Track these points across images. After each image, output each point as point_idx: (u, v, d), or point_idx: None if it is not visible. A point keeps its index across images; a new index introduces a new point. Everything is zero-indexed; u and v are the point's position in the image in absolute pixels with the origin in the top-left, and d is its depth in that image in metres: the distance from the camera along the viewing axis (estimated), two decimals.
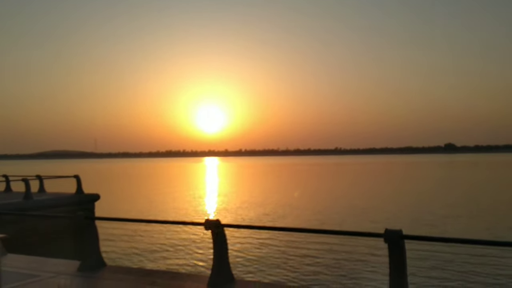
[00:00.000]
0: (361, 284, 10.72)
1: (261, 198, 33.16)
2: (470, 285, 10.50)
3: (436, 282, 10.68)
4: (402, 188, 42.47)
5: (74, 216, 7.98)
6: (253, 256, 13.70)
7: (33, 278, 7.29)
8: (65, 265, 8.19)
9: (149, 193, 39.84)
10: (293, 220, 21.89)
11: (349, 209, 25.41)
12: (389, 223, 19.92)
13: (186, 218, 23.07)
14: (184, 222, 10.83)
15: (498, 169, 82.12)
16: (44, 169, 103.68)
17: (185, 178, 68.67)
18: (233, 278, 6.88)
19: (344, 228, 19.14)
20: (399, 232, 5.41)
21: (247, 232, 16.24)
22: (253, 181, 58.52)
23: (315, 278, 11.36)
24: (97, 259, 7.97)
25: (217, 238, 6.76)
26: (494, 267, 11.70)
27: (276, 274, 11.75)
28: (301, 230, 7.63)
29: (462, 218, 21.41)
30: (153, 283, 6.84)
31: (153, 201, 32.09)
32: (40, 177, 23.11)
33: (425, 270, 11.08)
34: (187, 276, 7.85)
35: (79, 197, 20.91)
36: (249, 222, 21.32)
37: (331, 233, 7.01)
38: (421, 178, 58.88)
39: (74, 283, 6.99)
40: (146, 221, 9.34)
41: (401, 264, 5.45)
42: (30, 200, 18.62)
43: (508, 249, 12.13)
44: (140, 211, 26.46)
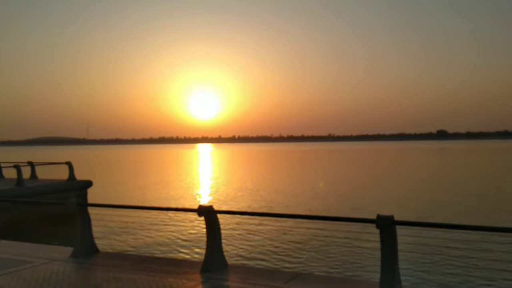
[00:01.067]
0: (354, 269, 10.84)
1: (254, 184, 33.26)
2: (461, 270, 10.65)
3: (427, 267, 10.82)
4: (394, 174, 42.75)
5: (66, 202, 7.98)
6: (246, 241, 13.78)
7: (26, 264, 7.29)
8: (58, 252, 8.20)
9: (142, 179, 39.80)
10: (286, 206, 22.00)
11: (342, 195, 25.57)
12: (381, 209, 20.09)
13: (179, 205, 23.10)
14: (177, 209, 10.85)
15: (489, 155, 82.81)
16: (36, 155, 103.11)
17: (178, 165, 68.61)
18: (226, 264, 6.93)
19: (337, 214, 19.28)
20: (391, 218, 5.48)
21: (240, 218, 16.32)
22: (246, 167, 58.60)
23: (307, 263, 11.47)
24: (90, 245, 7.98)
25: (210, 224, 6.80)
26: (485, 252, 11.87)
27: (269, 260, 11.85)
28: (294, 216, 7.68)
29: (453, 204, 21.62)
30: (147, 268, 6.87)
31: (146, 188, 32.08)
32: (32, 163, 22.97)
33: (417, 255, 11.21)
34: (181, 261, 7.89)
35: (72, 183, 20.84)
36: (242, 208, 21.40)
37: (323, 219, 7.07)
38: (412, 164, 59.26)
39: (67, 269, 7.00)
40: (139, 207, 9.34)
41: (393, 249, 5.52)
42: (22, 187, 18.54)
43: (498, 234, 12.31)
44: (133, 197, 26.46)
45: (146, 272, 6.65)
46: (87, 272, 6.81)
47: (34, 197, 18.00)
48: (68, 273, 6.79)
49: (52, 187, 19.92)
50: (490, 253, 11.66)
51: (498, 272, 10.36)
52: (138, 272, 6.66)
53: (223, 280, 6.27)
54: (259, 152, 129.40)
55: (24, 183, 19.00)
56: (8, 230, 9.80)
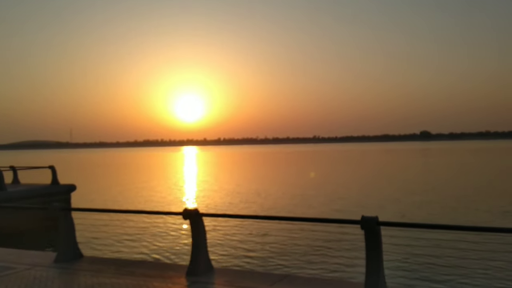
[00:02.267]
0: (339, 270, 10.89)
1: (239, 186, 33.23)
2: (445, 269, 10.77)
3: (412, 267, 10.93)
4: (377, 175, 43.10)
5: (49, 207, 7.88)
6: (232, 244, 13.75)
7: (9, 270, 7.18)
8: (41, 257, 8.10)
9: (126, 183, 39.48)
10: (271, 208, 22.02)
11: (326, 197, 25.68)
12: (365, 210, 20.23)
13: (164, 208, 22.96)
14: (162, 212, 10.76)
15: (470, 155, 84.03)
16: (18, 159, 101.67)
17: (163, 168, 68.22)
18: (212, 267, 6.91)
19: (321, 215, 19.36)
20: (375, 219, 5.53)
21: (225, 221, 16.29)
22: (231, 170, 58.54)
23: (294, 265, 11.49)
24: (74, 250, 7.89)
25: (196, 227, 6.78)
26: (468, 251, 12.02)
27: (255, 262, 11.84)
28: (279, 218, 7.70)
29: (436, 204, 21.87)
30: (132, 273, 6.81)
31: (130, 191, 31.82)
32: (14, 168, 22.66)
33: (401, 256, 11.31)
34: (166, 265, 7.85)
35: (55, 188, 20.58)
36: (227, 211, 21.35)
37: (308, 220, 7.10)
38: (395, 165, 59.83)
39: (51, 274, 6.91)
40: (124, 211, 9.26)
41: (377, 250, 5.57)
42: (4, 192, 18.24)
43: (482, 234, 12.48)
44: (117, 201, 26.22)
45: (131, 277, 6.60)
46: (71, 278, 6.73)
47: (16, 201, 17.73)
48: (51, 278, 6.70)
49: (35, 191, 19.65)
50: (474, 252, 11.81)
51: (483, 272, 10.50)
52: (122, 277, 6.60)
53: (209, 284, 6.25)
54: (244, 154, 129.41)
55: (6, 187, 18.69)
56: None
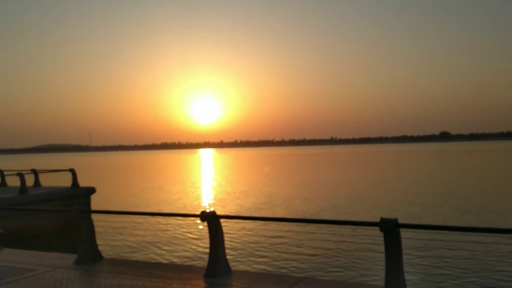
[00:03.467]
0: (359, 273, 10.79)
1: (256, 188, 33.22)
2: (465, 272, 10.59)
3: (432, 270, 10.77)
4: (396, 177, 42.64)
5: (70, 209, 7.98)
6: (249, 246, 13.74)
7: (30, 272, 7.29)
8: (62, 259, 8.19)
9: (144, 185, 39.80)
10: (288, 210, 21.96)
11: (345, 198, 25.50)
12: (384, 212, 20.04)
13: (182, 210, 23.08)
14: (180, 214, 10.85)
15: (491, 156, 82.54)
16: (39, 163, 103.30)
17: (180, 170, 68.62)
18: (229, 269, 6.91)
19: (340, 217, 19.23)
20: (395, 221, 5.45)
21: (243, 223, 16.30)
22: (248, 172, 58.56)
23: (312, 267, 11.42)
24: (94, 252, 7.97)
25: (213, 229, 6.79)
26: (489, 254, 11.81)
27: (273, 264, 11.81)
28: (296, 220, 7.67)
29: (455, 206, 21.54)
30: (150, 275, 6.85)
31: (148, 194, 32.07)
32: (35, 171, 23.02)
33: (421, 258, 11.17)
34: (184, 267, 7.87)
35: (75, 190, 20.86)
36: (245, 213, 21.36)
37: (327, 222, 7.06)
38: (415, 166, 59.12)
39: (71, 276, 6.99)
40: (142, 213, 9.36)
41: (397, 252, 5.49)
42: (26, 195, 18.55)
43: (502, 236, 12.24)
44: (136, 203, 26.45)
45: (150, 278, 6.64)
46: (91, 279, 6.80)
47: (38, 204, 18.02)
48: (72, 280, 6.78)
49: (56, 194, 19.94)
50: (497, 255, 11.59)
51: (504, 274, 10.30)
52: (142, 278, 6.65)
53: (226, 286, 6.25)
54: (261, 156, 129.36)
55: (27, 190, 19.02)
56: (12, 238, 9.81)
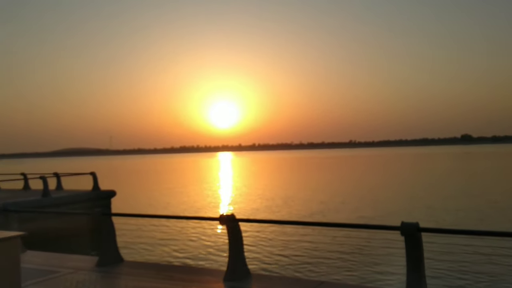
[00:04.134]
0: (379, 278, 10.68)
1: (275, 192, 33.16)
2: (488, 278, 10.39)
3: (454, 275, 10.59)
4: (415, 180, 42.09)
5: (91, 212, 8.09)
6: (269, 250, 13.73)
7: (53, 274, 7.41)
8: (84, 261, 8.31)
9: (164, 188, 40.11)
10: (307, 213, 21.86)
11: (363, 202, 25.28)
12: (403, 216, 19.79)
13: (201, 213, 23.19)
14: (199, 217, 10.91)
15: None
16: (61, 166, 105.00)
17: (199, 173, 68.95)
18: (249, 273, 6.91)
19: (359, 221, 19.06)
20: (416, 225, 5.38)
21: (262, 226, 16.27)
22: (267, 175, 58.51)
23: (331, 271, 11.35)
24: (115, 254, 8.06)
25: (232, 232, 6.80)
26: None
27: (292, 268, 11.77)
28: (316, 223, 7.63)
29: (477, 209, 21.15)
30: (170, 277, 6.90)
31: (168, 197, 32.30)
32: (58, 174, 23.40)
33: (442, 263, 10.99)
34: (204, 270, 7.91)
35: (96, 193, 21.15)
36: (263, 216, 21.35)
37: (347, 226, 7.00)
38: (434, 169, 58.27)
39: (93, 278, 7.08)
40: (162, 216, 9.43)
41: (418, 257, 5.42)
42: (48, 198, 18.88)
43: None
44: (156, 206, 26.67)
45: (170, 281, 6.69)
46: (112, 282, 6.88)
47: (60, 207, 18.32)
48: (93, 282, 6.87)
49: (77, 197, 20.25)
50: None
51: None
52: (162, 281, 6.70)
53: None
54: (279, 160, 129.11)
55: (50, 193, 19.35)
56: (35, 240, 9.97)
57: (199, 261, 12.93)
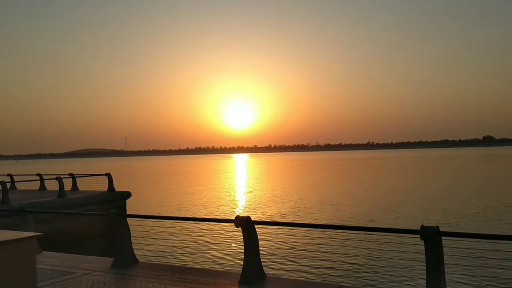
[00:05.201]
0: (397, 282, 10.50)
1: (291, 194, 33.03)
2: (509, 282, 10.14)
3: (474, 279, 10.36)
4: (434, 182, 41.56)
5: (106, 213, 8.08)
6: (284, 253, 13.62)
7: (68, 275, 7.42)
8: (99, 262, 8.31)
9: (179, 190, 40.25)
10: (324, 216, 21.70)
11: (381, 205, 25.01)
12: (422, 219, 19.51)
13: (216, 215, 23.17)
14: (214, 219, 10.86)
15: None
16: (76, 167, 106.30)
17: (215, 175, 69.09)
18: (264, 275, 6.83)
19: (377, 224, 18.85)
20: (436, 229, 5.27)
21: (278, 229, 16.17)
22: (282, 177, 58.35)
23: (348, 275, 11.20)
24: (130, 256, 8.05)
25: (248, 235, 6.72)
26: None
27: (308, 271, 11.65)
28: (334, 227, 7.49)
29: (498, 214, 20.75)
30: (184, 279, 6.85)
31: (182, 198, 32.40)
32: (73, 175, 23.55)
33: (463, 267, 10.77)
34: (219, 272, 7.84)
35: (111, 194, 21.24)
36: (280, 219, 21.24)
37: (365, 230, 6.89)
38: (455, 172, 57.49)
39: (108, 279, 7.07)
40: (176, 218, 9.38)
41: (438, 261, 5.30)
42: (64, 198, 19.00)
43: None
44: (170, 208, 26.75)
45: (184, 283, 6.64)
46: (127, 283, 6.86)
47: (75, 208, 18.42)
48: (108, 283, 6.85)
49: (92, 198, 20.35)
50: None
51: None
52: (176, 283, 6.66)
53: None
54: (295, 161, 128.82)
55: (65, 194, 19.48)
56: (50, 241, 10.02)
57: (213, 263, 12.89)
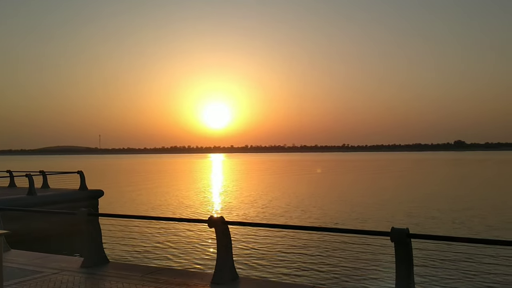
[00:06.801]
0: (367, 283, 10.64)
1: (264, 194, 33.10)
2: (476, 285, 10.39)
3: (442, 281, 10.58)
4: (406, 185, 42.31)
5: (77, 212, 7.95)
6: (257, 253, 13.63)
7: (37, 274, 7.26)
8: (68, 262, 8.17)
9: (153, 189, 39.86)
10: (297, 217, 21.82)
11: (354, 207, 25.31)
12: (394, 222, 19.83)
13: (190, 215, 23.03)
14: (187, 219, 10.78)
15: (505, 166, 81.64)
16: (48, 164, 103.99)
17: (190, 174, 68.69)
18: (237, 276, 6.83)
19: (349, 226, 19.07)
20: (406, 231, 5.37)
21: (252, 230, 16.18)
22: (257, 177, 58.44)
23: (320, 276, 11.29)
24: (100, 255, 7.94)
25: (221, 235, 6.71)
26: (501, 266, 11.59)
27: (280, 272, 11.69)
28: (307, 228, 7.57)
29: (467, 217, 21.26)
30: (156, 280, 6.79)
31: (157, 198, 32.09)
32: (44, 172, 23.11)
33: (431, 269, 10.98)
34: (191, 273, 7.80)
35: (83, 193, 20.92)
36: (254, 219, 21.26)
37: (336, 231, 6.96)
38: (426, 175, 58.65)
39: (77, 279, 6.95)
40: (150, 217, 9.31)
41: (407, 262, 5.41)
42: (34, 196, 18.62)
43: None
44: (144, 207, 26.47)
45: (155, 284, 6.58)
46: (96, 283, 6.76)
47: (46, 206, 18.06)
48: (77, 283, 6.74)
49: (63, 196, 20.00)
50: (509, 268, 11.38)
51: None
52: (147, 283, 6.59)
53: None
54: (271, 162, 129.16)
55: (36, 192, 19.07)
56: (19, 239, 9.80)
57: (186, 263, 12.80)
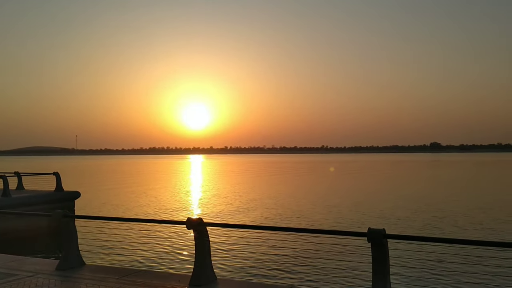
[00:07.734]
0: (345, 283, 10.73)
1: (244, 196, 33.09)
2: (451, 284, 10.58)
3: (418, 281, 10.75)
4: (383, 187, 42.84)
5: (52, 214, 7.82)
6: (236, 254, 13.62)
7: (11, 277, 7.12)
8: (43, 264, 8.04)
9: (130, 190, 39.45)
10: (276, 218, 21.88)
11: (331, 208, 25.50)
12: (371, 223, 20.05)
13: (168, 217, 22.86)
14: (165, 221, 10.71)
15: (479, 168, 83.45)
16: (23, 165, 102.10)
17: (168, 175, 68.19)
18: (215, 277, 6.81)
19: (327, 227, 19.21)
20: (382, 231, 5.44)
21: (230, 231, 16.16)
22: (236, 179, 58.38)
23: (297, 277, 11.34)
24: (76, 258, 7.82)
25: (199, 237, 6.69)
26: (474, 265, 11.83)
27: (259, 273, 11.70)
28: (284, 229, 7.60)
29: (443, 218, 21.64)
30: (133, 282, 6.72)
31: (134, 199, 31.77)
32: (19, 173, 22.69)
33: (407, 269, 11.14)
34: (169, 275, 7.74)
35: (59, 194, 20.58)
36: (232, 221, 21.24)
37: (314, 232, 7.00)
38: (403, 177, 59.50)
39: (52, 282, 6.83)
40: (127, 219, 9.20)
41: (384, 263, 5.47)
42: (8, 198, 18.25)
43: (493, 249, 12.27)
44: (121, 209, 26.17)
45: (132, 286, 6.51)
46: (72, 286, 6.65)
47: (20, 208, 17.71)
48: (53, 286, 6.63)
49: (39, 198, 19.64)
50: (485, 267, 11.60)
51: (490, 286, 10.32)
52: (124, 286, 6.51)
53: None
54: (251, 163, 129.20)
55: (10, 193, 18.70)
56: None
57: (164, 265, 12.70)
